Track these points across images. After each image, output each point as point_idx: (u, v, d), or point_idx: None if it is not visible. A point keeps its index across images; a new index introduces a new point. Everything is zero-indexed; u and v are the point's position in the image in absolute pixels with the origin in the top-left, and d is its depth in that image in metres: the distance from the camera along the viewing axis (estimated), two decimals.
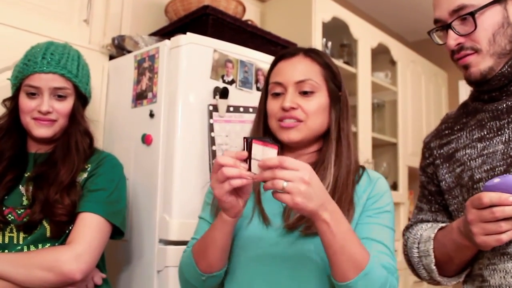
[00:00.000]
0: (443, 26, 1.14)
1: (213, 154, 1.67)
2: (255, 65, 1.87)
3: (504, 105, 1.12)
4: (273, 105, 1.21)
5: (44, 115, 1.38)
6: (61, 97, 1.42)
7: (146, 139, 1.75)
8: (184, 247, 1.20)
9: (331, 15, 2.81)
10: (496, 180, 0.96)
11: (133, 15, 2.22)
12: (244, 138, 0.96)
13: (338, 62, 2.91)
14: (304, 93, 1.18)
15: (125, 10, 2.19)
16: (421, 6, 3.69)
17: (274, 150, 0.95)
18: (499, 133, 1.11)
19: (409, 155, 3.43)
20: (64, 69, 1.41)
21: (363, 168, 1.22)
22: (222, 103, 1.72)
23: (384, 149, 3.40)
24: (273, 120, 1.21)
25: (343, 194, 1.11)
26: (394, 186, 3.36)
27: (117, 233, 1.43)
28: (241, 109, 1.76)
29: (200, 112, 1.71)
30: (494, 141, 1.11)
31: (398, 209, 3.35)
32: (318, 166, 1.16)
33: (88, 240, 1.29)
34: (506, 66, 1.10)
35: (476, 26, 1.07)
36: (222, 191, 0.97)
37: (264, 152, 0.95)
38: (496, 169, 1.08)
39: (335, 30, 2.91)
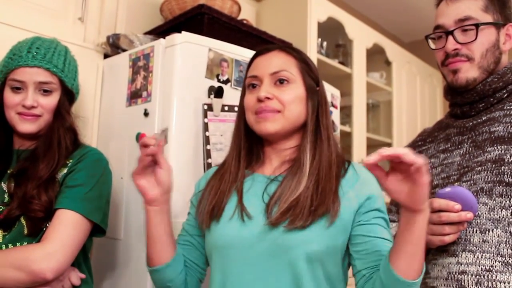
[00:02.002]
0: (446, 32, 1.27)
1: (207, 154, 1.66)
2: None
3: (470, 124, 1.27)
4: (249, 98, 1.22)
5: (29, 109, 1.36)
6: (46, 92, 1.39)
7: (140, 138, 1.74)
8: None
9: (326, 15, 2.81)
10: (448, 189, 1.13)
11: (128, 13, 2.22)
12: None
13: (333, 62, 2.91)
14: (280, 83, 1.18)
15: (120, 9, 2.18)
16: (416, 7, 3.70)
17: None
18: (459, 146, 1.28)
19: None
20: (50, 64, 1.39)
21: (349, 162, 1.21)
22: (216, 102, 1.72)
23: (379, 149, 3.40)
24: (249, 114, 1.21)
25: (326, 185, 1.11)
26: None
27: (98, 231, 1.39)
28: (236, 109, 1.75)
29: (195, 111, 1.70)
30: (454, 153, 1.28)
31: None
32: (295, 161, 1.17)
33: (61, 238, 1.24)
34: (480, 84, 1.25)
35: (476, 38, 1.22)
36: (137, 170, 1.13)
37: None
38: (451, 177, 1.25)
39: (331, 30, 2.92)
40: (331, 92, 2.34)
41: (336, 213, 1.09)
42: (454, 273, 1.16)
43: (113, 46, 1.99)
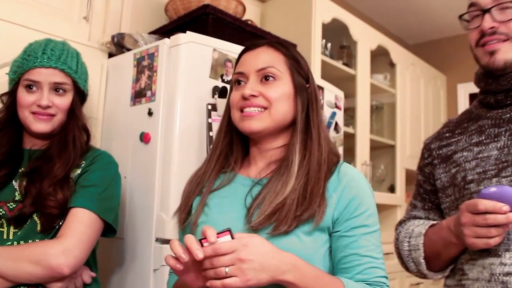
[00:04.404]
0: (482, 10, 1.16)
1: None
2: None
3: (508, 115, 1.17)
4: (234, 95, 1.17)
5: (44, 109, 1.38)
6: (60, 92, 1.41)
7: (144, 138, 1.75)
8: None
9: (331, 16, 2.81)
10: (493, 189, 1.04)
11: (133, 13, 2.22)
12: (200, 240, 0.93)
13: (337, 64, 2.91)
14: (266, 80, 1.13)
15: (125, 8, 2.19)
16: (421, 9, 3.70)
17: (227, 237, 0.92)
18: (496, 139, 1.17)
19: (407, 157, 3.44)
20: (64, 65, 1.41)
21: (337, 163, 1.13)
22: (220, 103, 1.72)
23: (382, 151, 3.40)
24: (234, 110, 1.16)
25: (314, 187, 1.05)
26: (392, 188, 3.37)
27: (109, 231, 1.41)
28: None
29: (199, 111, 1.70)
30: (490, 146, 1.17)
31: (395, 212, 3.35)
32: (283, 161, 1.12)
33: (78, 234, 1.27)
34: None
35: None
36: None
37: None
38: (488, 172, 1.15)
39: (335, 31, 2.91)
40: (335, 93, 2.34)
41: (321, 218, 1.03)
42: (498, 275, 1.08)
43: (118, 46, 1.99)
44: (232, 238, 0.92)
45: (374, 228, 1.08)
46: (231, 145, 1.22)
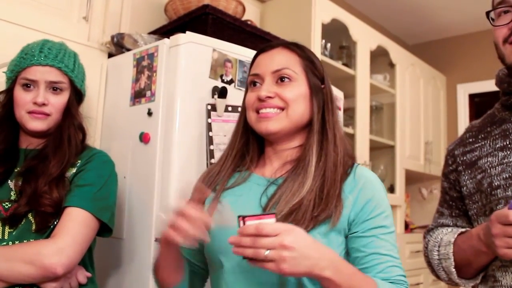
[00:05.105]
0: None
1: (210, 154, 1.66)
2: None
3: None
4: (250, 96, 1.17)
5: (39, 107, 1.37)
6: (56, 91, 1.41)
7: (144, 138, 1.75)
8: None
9: (330, 16, 2.81)
10: None
11: (132, 13, 2.22)
12: (239, 217, 0.91)
13: (337, 64, 2.91)
14: (281, 81, 1.14)
15: (124, 8, 2.18)
16: (420, 9, 3.70)
17: (272, 219, 0.91)
18: None
19: (407, 158, 3.44)
20: (61, 63, 1.42)
21: (352, 165, 1.15)
22: (220, 103, 1.72)
23: (382, 151, 3.40)
24: (250, 112, 1.17)
25: (331, 188, 1.06)
26: (391, 189, 3.37)
27: (105, 230, 1.40)
28: (240, 109, 1.75)
29: (198, 111, 1.70)
30: None
31: (394, 212, 3.34)
32: (299, 161, 1.12)
33: (72, 234, 1.26)
34: None
35: None
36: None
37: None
38: None
39: (335, 31, 2.91)
40: (334, 93, 2.34)
41: (338, 219, 1.04)
42: None
43: (118, 46, 1.99)
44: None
45: (391, 229, 1.09)
46: (247, 145, 1.22)
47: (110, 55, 2.06)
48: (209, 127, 1.69)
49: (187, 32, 1.75)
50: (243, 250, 0.90)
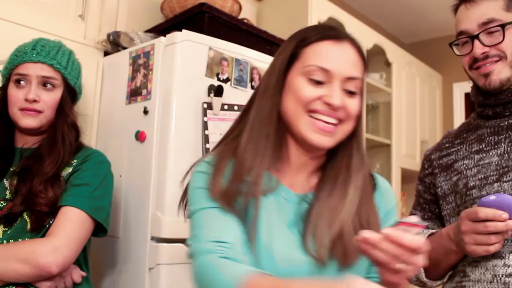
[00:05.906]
0: (471, 37, 1.22)
1: (206, 152, 1.66)
2: (250, 64, 1.86)
3: (506, 123, 1.22)
4: (310, 91, 0.96)
5: (31, 104, 1.37)
6: (49, 88, 1.41)
7: (139, 136, 1.74)
8: (176, 245, 1.16)
9: (327, 15, 2.81)
10: (492, 197, 1.07)
11: (128, 11, 2.22)
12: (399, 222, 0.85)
13: None
14: (349, 92, 0.99)
15: (121, 6, 2.18)
16: (417, 8, 3.70)
17: (419, 230, 0.85)
18: (496, 146, 1.22)
19: (403, 156, 3.45)
20: (53, 60, 1.42)
21: (372, 176, 1.08)
22: (216, 101, 1.72)
23: (378, 150, 3.41)
24: (302, 110, 0.97)
25: (368, 202, 1.01)
26: None
27: (100, 230, 1.40)
28: (236, 108, 1.76)
29: (194, 109, 1.70)
30: (490, 153, 1.22)
31: None
32: (330, 177, 1.02)
33: (67, 233, 1.26)
34: None
35: (504, 38, 1.18)
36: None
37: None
38: (489, 178, 1.19)
39: None
40: None
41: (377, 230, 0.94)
42: (500, 276, 1.11)
43: (114, 44, 1.99)
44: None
45: None
46: (280, 144, 1.03)
47: (106, 53, 2.05)
48: (205, 126, 1.69)
49: (183, 30, 1.75)
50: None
